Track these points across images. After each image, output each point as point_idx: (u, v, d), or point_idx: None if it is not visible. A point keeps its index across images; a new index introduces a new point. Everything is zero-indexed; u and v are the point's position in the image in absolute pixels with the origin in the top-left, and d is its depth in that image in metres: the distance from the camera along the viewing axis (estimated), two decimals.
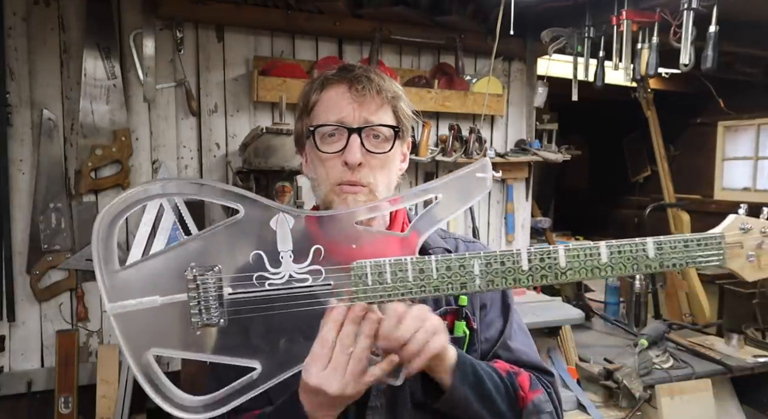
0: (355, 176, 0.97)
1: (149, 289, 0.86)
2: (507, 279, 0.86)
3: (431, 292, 0.86)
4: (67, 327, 2.44)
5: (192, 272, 0.86)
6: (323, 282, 0.87)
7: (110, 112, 2.44)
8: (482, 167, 0.88)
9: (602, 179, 6.43)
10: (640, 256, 0.86)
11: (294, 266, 0.87)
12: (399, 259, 0.86)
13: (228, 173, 2.66)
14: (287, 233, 0.87)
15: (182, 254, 0.87)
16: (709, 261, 0.87)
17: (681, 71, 2.37)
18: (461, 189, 0.89)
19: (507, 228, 3.36)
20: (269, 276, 0.86)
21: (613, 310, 3.55)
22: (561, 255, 0.85)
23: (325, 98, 1.00)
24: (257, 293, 0.86)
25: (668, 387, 2.65)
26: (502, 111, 3.21)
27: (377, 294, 0.86)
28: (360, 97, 0.98)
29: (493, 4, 2.58)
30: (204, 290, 0.86)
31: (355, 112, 0.98)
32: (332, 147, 0.98)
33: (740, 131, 4.98)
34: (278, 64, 2.66)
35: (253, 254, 0.86)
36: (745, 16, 3.00)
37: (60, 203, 2.39)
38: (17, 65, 2.29)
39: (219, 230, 0.88)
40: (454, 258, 0.86)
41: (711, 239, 0.87)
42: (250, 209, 0.87)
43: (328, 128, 0.98)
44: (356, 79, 0.99)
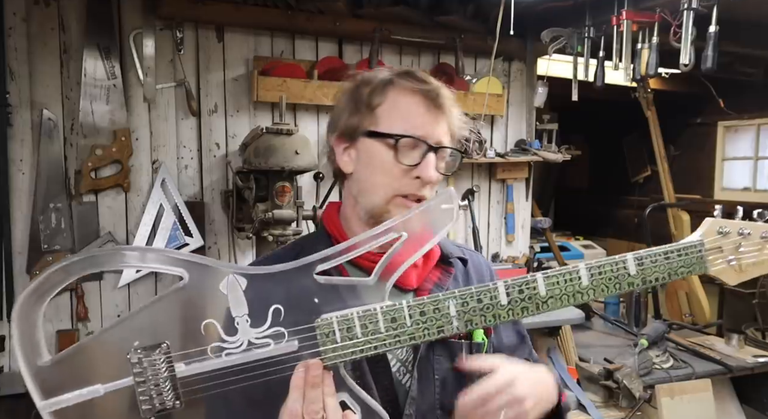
0: (422, 192, 0.96)
1: (89, 378, 0.76)
2: (486, 317, 0.81)
3: (407, 341, 0.80)
4: (67, 326, 2.44)
5: (135, 354, 0.76)
6: (287, 345, 0.79)
7: (110, 112, 2.44)
8: (447, 198, 0.84)
9: (602, 179, 6.43)
10: (622, 274, 0.83)
11: (252, 331, 0.78)
12: (367, 309, 0.80)
13: (228, 173, 2.66)
14: (240, 296, 0.79)
15: (122, 334, 0.77)
16: (692, 270, 0.85)
17: (681, 71, 2.37)
18: (426, 223, 0.83)
19: (507, 228, 3.36)
20: (226, 346, 0.77)
21: (613, 310, 3.55)
22: (540, 284, 0.81)
23: (397, 104, 0.97)
24: (214, 366, 0.77)
25: (668, 387, 2.66)
26: (502, 111, 3.21)
27: (348, 351, 0.79)
28: (435, 112, 0.97)
29: (493, 4, 2.58)
30: (153, 372, 0.76)
31: (433, 128, 0.97)
32: (409, 159, 0.95)
33: (740, 131, 4.98)
34: (278, 65, 2.66)
35: (205, 323, 0.78)
36: (745, 16, 3.00)
37: (60, 203, 2.39)
38: (17, 65, 2.29)
39: (162, 302, 0.79)
40: (428, 302, 0.81)
41: (691, 247, 0.85)
42: (195, 274, 0.79)
43: (408, 140, 0.96)
44: (434, 94, 0.97)
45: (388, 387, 0.94)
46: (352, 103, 1.01)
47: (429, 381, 0.97)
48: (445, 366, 0.99)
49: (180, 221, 2.56)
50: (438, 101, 0.97)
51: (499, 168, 3.27)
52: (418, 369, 0.96)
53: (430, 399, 0.97)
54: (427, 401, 0.96)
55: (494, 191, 3.34)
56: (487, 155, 3.08)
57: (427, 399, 0.96)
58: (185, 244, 2.56)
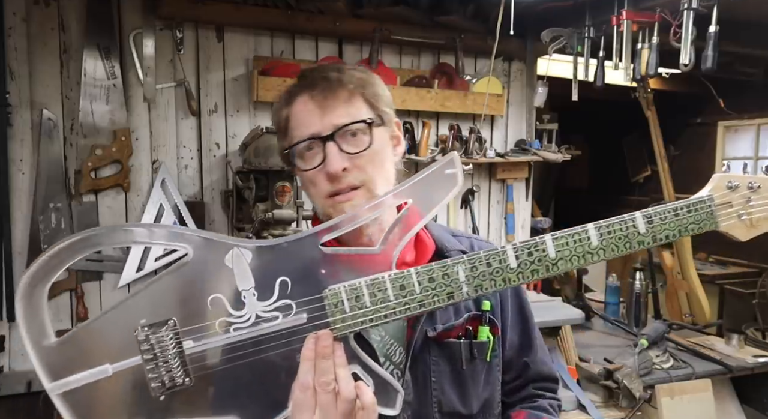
0: (343, 184, 0.92)
1: (96, 358, 0.75)
2: (496, 281, 0.79)
3: (416, 309, 0.78)
4: (67, 326, 2.44)
5: (143, 332, 0.75)
6: (295, 317, 0.78)
7: (110, 112, 2.44)
8: (450, 163, 0.82)
9: (602, 179, 6.43)
10: (632, 233, 0.80)
11: (260, 304, 0.77)
12: (375, 277, 0.78)
13: (228, 173, 2.66)
14: (246, 269, 0.78)
15: (128, 312, 0.76)
16: (702, 227, 0.82)
17: (681, 71, 2.37)
18: (430, 190, 0.81)
19: (507, 228, 3.36)
20: (233, 320, 0.77)
21: (613, 310, 3.55)
22: (549, 245, 0.79)
23: (293, 114, 0.95)
24: (223, 341, 0.76)
25: (668, 387, 2.65)
26: (502, 111, 3.21)
27: (358, 321, 0.78)
28: (322, 101, 0.92)
29: (493, 4, 2.58)
30: (161, 349, 0.75)
31: (321, 119, 0.92)
32: (313, 162, 0.93)
33: (740, 131, 4.98)
34: (278, 65, 2.66)
35: (211, 298, 0.77)
36: (745, 16, 3.00)
37: (60, 203, 2.39)
38: (17, 65, 2.29)
39: (166, 278, 0.77)
40: (436, 267, 0.79)
41: (700, 203, 0.82)
42: (198, 249, 0.77)
43: (302, 144, 0.93)
44: (313, 84, 0.93)
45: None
46: (278, 134, 1.01)
47: (426, 384, 0.94)
48: (444, 368, 0.96)
49: (180, 221, 2.56)
50: (321, 88, 0.92)
51: (499, 168, 3.27)
52: (414, 371, 0.94)
53: (428, 404, 0.94)
54: (424, 405, 0.94)
55: (494, 191, 3.34)
56: (487, 155, 3.08)
57: (425, 404, 0.94)
58: None
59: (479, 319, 1.00)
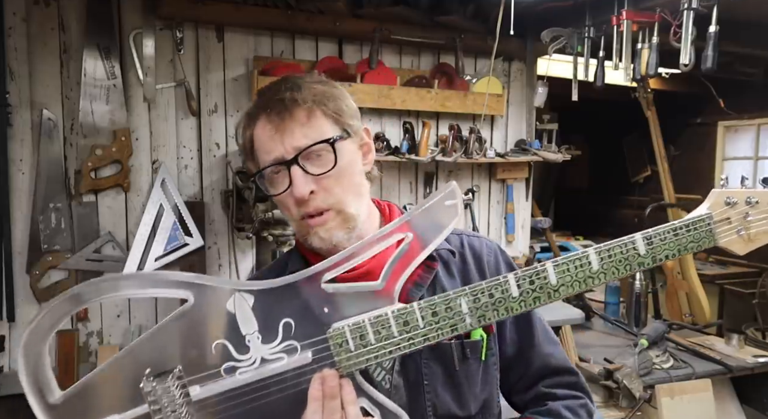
0: (311, 206, 0.90)
1: (104, 410, 0.75)
2: (499, 310, 0.79)
3: (421, 343, 0.79)
4: (67, 327, 2.44)
5: (149, 383, 0.75)
6: (300, 357, 0.78)
7: (110, 112, 2.44)
8: (450, 194, 0.81)
9: (602, 179, 6.43)
10: (632, 255, 0.81)
11: (264, 347, 0.77)
12: (379, 315, 0.79)
13: (228, 173, 2.66)
14: (248, 313, 0.78)
15: (132, 362, 0.76)
16: (701, 245, 0.83)
17: (681, 71, 2.37)
18: (431, 222, 0.81)
19: (507, 228, 3.36)
20: (239, 365, 0.77)
21: (613, 310, 3.55)
22: (550, 273, 0.80)
23: (256, 136, 0.93)
24: (229, 385, 0.77)
25: (668, 387, 2.65)
26: (502, 111, 3.20)
27: (363, 359, 0.78)
28: (279, 124, 0.89)
29: (493, 4, 2.58)
30: (168, 399, 0.75)
31: (281, 144, 0.89)
32: (281, 186, 0.91)
33: (740, 131, 4.98)
34: (278, 65, 2.66)
35: (215, 344, 0.77)
36: (745, 16, 3.00)
37: (60, 203, 2.39)
38: (17, 65, 2.29)
39: (168, 326, 0.78)
40: (439, 301, 0.79)
41: (699, 221, 0.83)
42: (199, 296, 0.78)
43: (267, 170, 0.91)
44: (268, 107, 0.91)
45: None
46: (242, 151, 0.99)
47: (418, 387, 0.93)
48: (437, 370, 0.94)
49: (180, 221, 2.56)
50: (278, 110, 0.90)
51: (499, 168, 3.27)
52: (405, 375, 0.93)
53: (421, 408, 0.93)
54: (417, 409, 0.92)
55: (494, 191, 3.34)
56: (487, 155, 3.08)
57: (418, 408, 0.93)
58: (185, 244, 2.56)
59: None
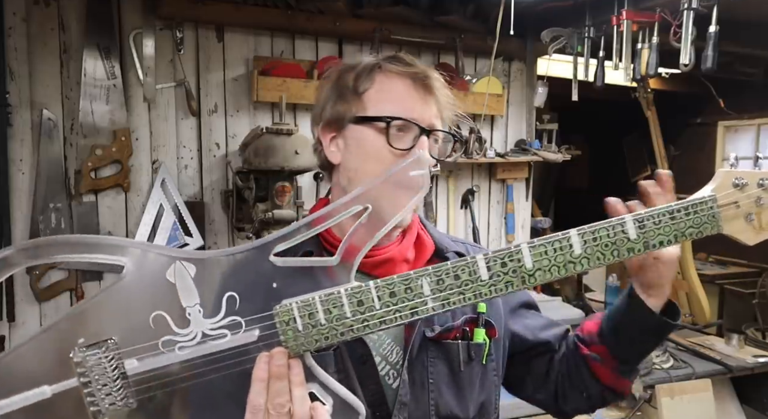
0: None
1: (34, 379, 0.70)
2: (465, 295, 0.71)
3: (377, 326, 0.72)
4: None
5: (79, 353, 0.70)
6: (246, 335, 0.72)
7: (110, 112, 2.44)
8: (416, 162, 0.74)
9: (602, 179, 6.43)
10: (620, 239, 0.72)
11: (206, 322, 0.72)
12: (330, 292, 0.72)
13: (228, 173, 2.66)
14: (189, 284, 0.72)
15: (67, 330, 0.72)
16: (702, 231, 0.73)
17: (681, 71, 2.37)
18: (394, 193, 0.74)
19: (507, 228, 3.36)
20: (178, 339, 0.71)
21: None
22: (526, 255, 0.71)
23: (386, 88, 0.92)
24: (167, 361, 0.71)
25: (668, 387, 2.65)
26: (502, 111, 3.21)
27: (312, 339, 0.72)
28: (424, 95, 0.92)
29: (493, 4, 2.58)
30: (99, 371, 0.70)
31: (423, 111, 0.91)
32: (402, 143, 0.90)
33: (740, 131, 4.98)
34: (278, 64, 2.66)
35: (153, 315, 0.72)
36: (745, 16, 3.00)
37: (60, 203, 2.39)
38: (17, 65, 2.29)
39: (105, 295, 0.73)
40: (398, 281, 0.72)
41: (701, 204, 0.73)
42: (137, 262, 0.72)
43: (400, 122, 0.90)
44: (422, 76, 0.93)
45: (375, 391, 0.89)
46: (337, 91, 0.96)
47: (423, 385, 0.93)
48: (442, 369, 0.94)
49: (180, 221, 2.56)
50: (427, 84, 0.93)
51: (499, 168, 3.27)
52: (411, 372, 0.92)
53: (424, 406, 0.92)
54: (421, 407, 0.92)
55: (494, 191, 3.34)
56: (487, 155, 3.08)
57: (421, 406, 0.92)
58: (185, 244, 2.56)
59: (475, 321, 0.99)
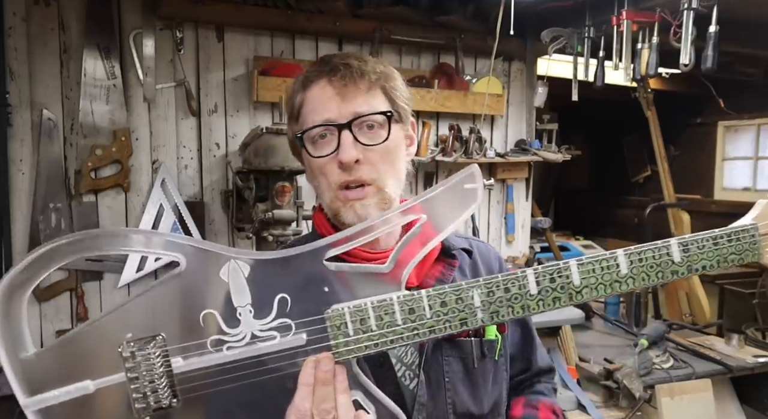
0: (354, 175, 0.87)
1: (78, 373, 0.69)
2: (514, 308, 0.73)
3: (425, 334, 0.72)
4: (67, 326, 2.44)
5: (128, 347, 0.69)
6: (294, 338, 0.72)
7: (110, 112, 2.44)
8: (470, 177, 0.75)
9: (602, 179, 6.44)
10: (665, 262, 0.73)
11: (256, 322, 0.71)
12: (383, 299, 0.72)
13: (228, 173, 2.66)
14: (242, 284, 0.72)
15: (114, 325, 0.71)
16: (743, 258, 0.75)
17: (681, 71, 2.37)
18: (448, 205, 0.75)
19: (507, 228, 3.36)
20: (227, 339, 0.71)
21: (613, 310, 3.54)
22: (574, 272, 0.73)
23: (309, 98, 0.91)
24: (214, 360, 0.71)
25: (668, 387, 2.65)
26: (502, 111, 3.21)
27: (362, 345, 0.72)
28: (342, 89, 0.88)
29: (493, 4, 2.58)
30: (147, 367, 0.69)
31: (339, 106, 0.88)
32: (324, 149, 0.89)
33: (740, 131, 4.98)
34: (278, 64, 2.66)
35: (204, 313, 0.71)
36: (745, 16, 3.00)
37: (60, 203, 2.39)
38: (17, 65, 2.29)
39: (156, 290, 0.72)
40: (449, 291, 0.73)
41: (743, 232, 0.75)
42: (192, 260, 0.71)
43: (316, 130, 0.89)
44: (334, 70, 0.89)
45: (394, 392, 0.87)
46: (287, 117, 0.97)
47: (439, 384, 0.92)
48: (457, 367, 0.94)
49: (180, 221, 2.56)
50: (345, 74, 0.88)
51: (499, 168, 3.27)
52: (427, 372, 0.91)
53: (442, 405, 0.92)
54: (438, 406, 0.91)
55: (494, 191, 3.34)
56: (487, 155, 3.08)
57: (439, 405, 0.92)
58: None
59: None
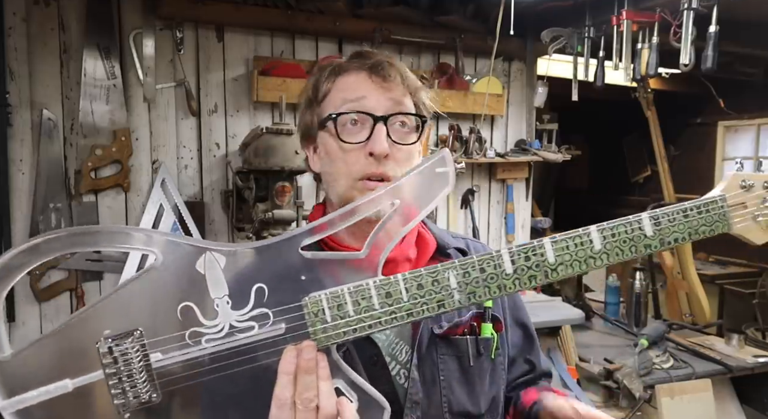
0: (381, 169, 0.88)
1: (56, 372, 0.69)
2: (490, 288, 0.73)
3: (403, 318, 0.73)
4: None
5: (105, 343, 0.69)
6: (273, 327, 0.72)
7: (110, 112, 2.44)
8: (441, 160, 0.75)
9: (602, 179, 6.43)
10: (637, 235, 0.74)
11: (233, 313, 0.72)
12: (359, 284, 0.72)
13: (228, 173, 2.66)
14: (219, 275, 0.72)
15: (91, 322, 0.70)
16: (714, 229, 0.76)
17: (681, 71, 2.37)
18: (420, 190, 0.75)
19: (507, 228, 3.36)
20: (205, 331, 0.71)
21: (613, 310, 3.54)
22: (548, 249, 0.73)
23: (342, 85, 0.92)
24: (194, 353, 0.71)
25: (668, 387, 2.65)
26: (502, 111, 3.21)
27: (340, 331, 0.72)
28: (382, 82, 0.90)
29: (493, 4, 2.58)
30: (125, 362, 0.69)
31: (380, 98, 0.90)
32: (355, 137, 0.89)
33: (740, 131, 4.98)
34: (278, 64, 2.66)
35: (181, 306, 0.71)
36: (745, 16, 3.00)
37: (60, 203, 2.39)
38: (17, 65, 2.29)
39: (132, 285, 0.72)
40: (425, 273, 0.73)
41: (712, 203, 0.76)
42: (167, 253, 0.71)
43: (350, 115, 0.89)
44: (378, 65, 0.91)
45: (387, 390, 0.88)
46: (307, 101, 0.97)
47: (435, 383, 0.92)
48: (452, 366, 0.94)
49: (180, 221, 2.56)
50: (384, 71, 0.90)
51: (499, 168, 3.27)
52: (421, 370, 0.92)
53: (437, 403, 0.92)
54: (433, 405, 0.92)
55: (494, 191, 3.34)
56: (487, 155, 3.08)
57: (434, 403, 0.92)
58: None
59: (482, 316, 1.00)
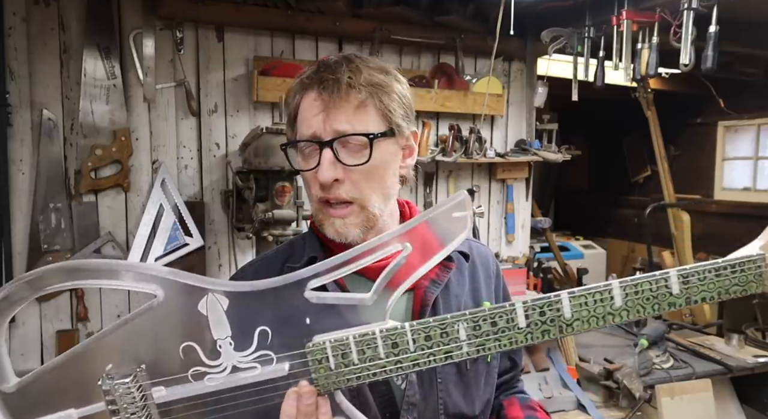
0: (333, 194, 0.86)
1: (60, 402, 0.71)
2: (501, 341, 0.71)
3: (409, 367, 0.72)
4: (67, 327, 2.44)
5: (107, 380, 0.70)
6: (276, 368, 0.72)
7: (110, 112, 2.44)
8: (459, 204, 0.72)
9: (602, 179, 6.43)
10: (662, 294, 0.70)
11: (236, 354, 0.72)
12: (365, 333, 0.71)
13: (228, 173, 2.66)
14: (221, 317, 0.72)
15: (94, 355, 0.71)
16: (747, 289, 0.70)
17: (681, 71, 2.37)
18: (434, 235, 0.72)
19: (507, 228, 3.36)
20: (208, 370, 0.71)
21: None
22: (565, 305, 0.70)
23: (301, 108, 0.90)
24: (196, 391, 0.71)
25: (668, 387, 2.65)
26: (502, 111, 3.21)
27: (343, 378, 0.71)
28: (329, 103, 0.85)
29: (493, 4, 2.58)
30: (128, 399, 0.70)
31: (324, 123, 0.85)
32: (309, 163, 0.88)
33: (740, 131, 4.98)
34: (278, 64, 2.66)
35: (183, 346, 0.71)
36: (745, 16, 3.00)
37: (60, 203, 2.39)
38: (17, 65, 2.29)
39: (135, 322, 0.72)
40: (434, 324, 0.71)
41: (749, 262, 0.70)
42: (169, 292, 0.71)
43: (301, 143, 0.89)
44: (323, 82, 0.86)
45: (384, 392, 0.89)
46: (287, 115, 0.96)
47: (432, 385, 0.93)
48: (450, 369, 0.95)
49: (180, 221, 2.56)
50: (331, 90, 0.85)
51: (499, 168, 3.27)
52: (420, 373, 0.91)
53: (433, 405, 0.92)
54: (430, 407, 0.92)
55: (494, 191, 3.34)
56: (487, 155, 3.08)
57: (431, 405, 0.92)
58: (185, 244, 2.56)
59: None
